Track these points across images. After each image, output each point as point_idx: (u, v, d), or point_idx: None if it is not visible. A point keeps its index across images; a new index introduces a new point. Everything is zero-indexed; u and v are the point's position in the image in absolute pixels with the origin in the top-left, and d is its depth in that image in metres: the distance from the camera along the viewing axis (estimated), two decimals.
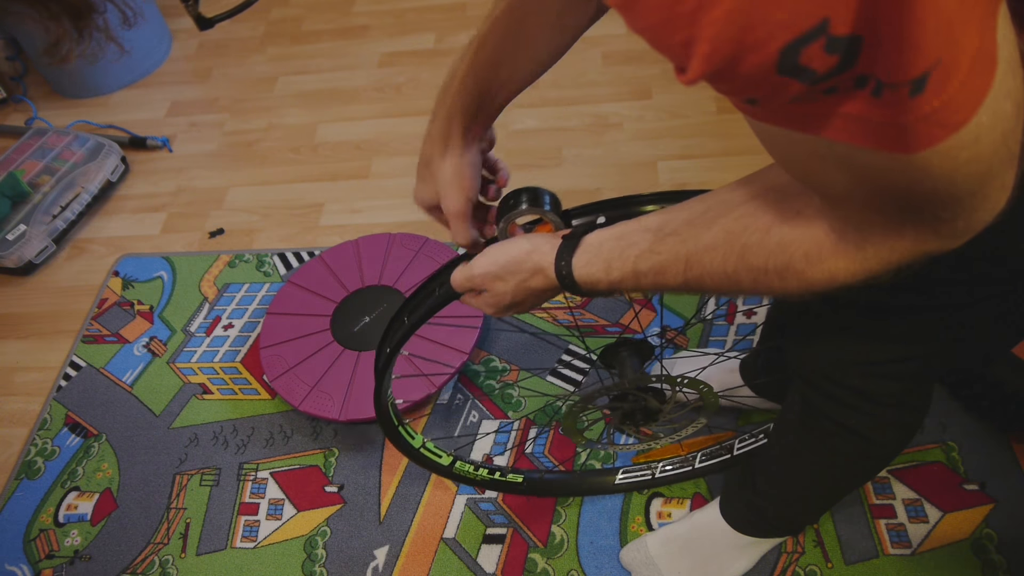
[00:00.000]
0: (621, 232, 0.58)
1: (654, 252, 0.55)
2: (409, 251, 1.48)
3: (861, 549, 1.10)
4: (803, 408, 0.81)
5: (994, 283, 0.59)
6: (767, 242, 0.48)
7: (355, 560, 1.18)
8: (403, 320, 0.82)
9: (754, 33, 0.27)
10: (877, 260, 0.44)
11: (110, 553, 1.24)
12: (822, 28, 0.27)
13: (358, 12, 2.23)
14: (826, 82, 0.29)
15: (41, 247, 1.67)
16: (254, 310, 1.54)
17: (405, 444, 1.05)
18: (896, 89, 0.28)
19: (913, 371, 0.70)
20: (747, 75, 0.29)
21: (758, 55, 0.28)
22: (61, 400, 1.46)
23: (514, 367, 1.38)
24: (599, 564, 1.14)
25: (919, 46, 0.27)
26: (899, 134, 0.31)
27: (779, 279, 0.48)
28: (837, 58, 0.28)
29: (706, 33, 0.27)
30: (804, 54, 0.28)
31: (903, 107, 0.29)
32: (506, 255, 0.65)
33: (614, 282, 0.58)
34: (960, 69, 0.28)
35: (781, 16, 0.26)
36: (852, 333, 0.68)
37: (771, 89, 0.30)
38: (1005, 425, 1.16)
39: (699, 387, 0.87)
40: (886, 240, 0.42)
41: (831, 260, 0.45)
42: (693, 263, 0.53)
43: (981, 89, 0.30)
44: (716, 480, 1.19)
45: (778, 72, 0.29)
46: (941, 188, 0.36)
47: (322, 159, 1.84)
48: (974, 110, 0.30)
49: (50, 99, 2.14)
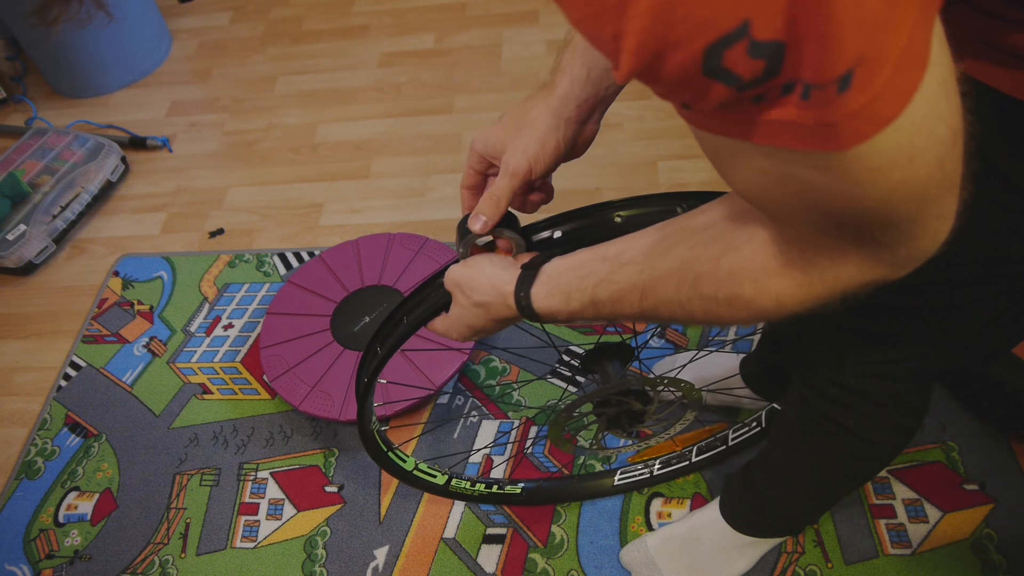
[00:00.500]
0: (579, 261, 0.58)
1: (612, 281, 0.55)
2: (409, 251, 1.48)
3: (861, 549, 1.10)
4: (802, 409, 0.81)
5: (990, 284, 0.59)
6: (718, 271, 0.48)
7: (355, 560, 1.18)
8: (376, 350, 0.82)
9: (677, 30, 0.27)
10: (822, 286, 0.44)
11: (110, 553, 1.24)
12: (744, 30, 0.27)
13: (358, 12, 2.23)
14: (753, 89, 0.29)
15: (41, 247, 1.67)
16: (254, 310, 1.54)
17: (397, 468, 1.06)
18: (824, 89, 0.29)
19: (911, 372, 0.70)
20: (673, 75, 0.29)
21: (682, 53, 0.28)
22: (61, 400, 1.46)
23: (514, 367, 1.38)
24: (599, 564, 1.14)
25: (841, 43, 0.27)
26: (830, 133, 0.31)
27: (729, 307, 0.49)
28: (762, 63, 0.28)
29: (632, 26, 0.27)
30: (727, 56, 0.28)
31: (832, 106, 0.29)
32: (471, 270, 0.65)
33: (574, 312, 0.58)
34: (886, 65, 0.28)
35: (703, 13, 0.26)
36: (849, 333, 0.68)
37: (698, 91, 0.30)
38: (1005, 425, 1.17)
39: (680, 385, 0.87)
40: (830, 266, 0.43)
41: (778, 286, 0.46)
42: (648, 292, 0.53)
43: (908, 86, 0.30)
44: (716, 480, 1.19)
45: (703, 73, 0.29)
46: (879, 209, 0.36)
47: (322, 159, 1.84)
48: (902, 107, 0.31)
49: (50, 99, 2.14)
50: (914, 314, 0.63)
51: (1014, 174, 0.50)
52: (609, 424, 0.91)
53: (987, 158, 0.50)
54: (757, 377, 1.16)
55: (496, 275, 0.62)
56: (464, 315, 0.66)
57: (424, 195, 1.71)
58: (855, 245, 0.41)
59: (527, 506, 1.19)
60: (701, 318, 0.51)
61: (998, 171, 0.51)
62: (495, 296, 0.62)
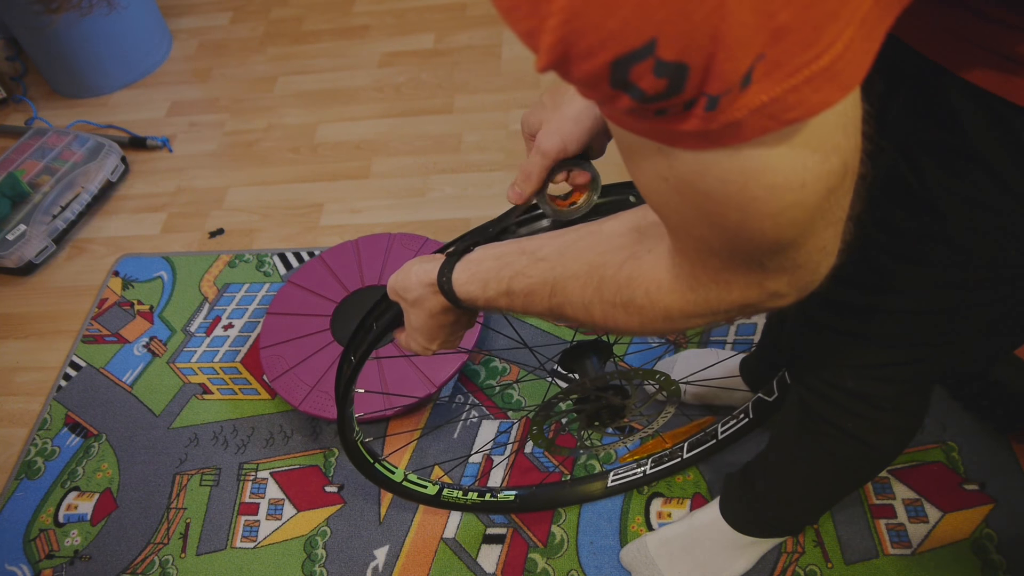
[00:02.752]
0: (500, 252, 0.60)
1: (526, 275, 0.56)
2: (409, 251, 1.48)
3: (861, 549, 1.10)
4: (800, 411, 0.81)
5: (990, 289, 0.59)
6: (619, 276, 0.50)
7: (355, 560, 1.18)
8: (350, 359, 0.82)
9: (586, 38, 0.27)
10: (706, 304, 0.45)
11: (110, 553, 1.24)
12: (650, 48, 0.27)
13: (358, 12, 2.23)
14: (655, 104, 0.30)
15: (41, 247, 1.67)
16: (254, 310, 1.54)
17: (385, 480, 1.05)
18: (729, 92, 0.29)
19: (909, 375, 0.70)
20: (581, 79, 0.30)
21: (590, 62, 0.28)
22: (61, 400, 1.46)
23: (514, 367, 1.38)
24: (599, 564, 1.14)
25: (743, 45, 0.27)
26: (734, 131, 0.31)
27: (624, 313, 0.50)
28: (665, 82, 0.28)
29: (544, 25, 0.28)
30: (634, 71, 0.28)
31: (736, 104, 0.30)
32: (403, 273, 0.67)
33: (490, 299, 0.60)
34: (793, 74, 0.29)
35: (612, 25, 0.27)
36: (848, 336, 0.68)
37: (605, 97, 0.31)
38: (1005, 425, 1.17)
39: (656, 376, 0.87)
40: (715, 285, 0.44)
41: (667, 298, 0.47)
42: (557, 290, 0.54)
43: (818, 102, 0.31)
44: (716, 480, 1.19)
45: (610, 84, 0.29)
46: (768, 230, 0.37)
47: (322, 159, 1.84)
48: (809, 114, 0.31)
49: (50, 99, 2.14)
50: (914, 318, 0.63)
51: (1014, 181, 0.50)
52: (590, 421, 0.91)
53: (988, 164, 0.51)
54: (757, 378, 1.16)
55: (422, 269, 0.64)
56: (410, 320, 0.68)
57: (424, 195, 1.71)
58: (742, 270, 0.42)
59: (521, 512, 1.19)
60: (600, 321, 0.53)
61: (998, 178, 0.51)
62: (423, 289, 0.64)
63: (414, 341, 0.70)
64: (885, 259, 0.60)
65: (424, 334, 0.68)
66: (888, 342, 0.67)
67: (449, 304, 0.63)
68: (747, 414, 1.12)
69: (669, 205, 0.40)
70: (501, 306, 0.60)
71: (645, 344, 1.37)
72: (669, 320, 0.48)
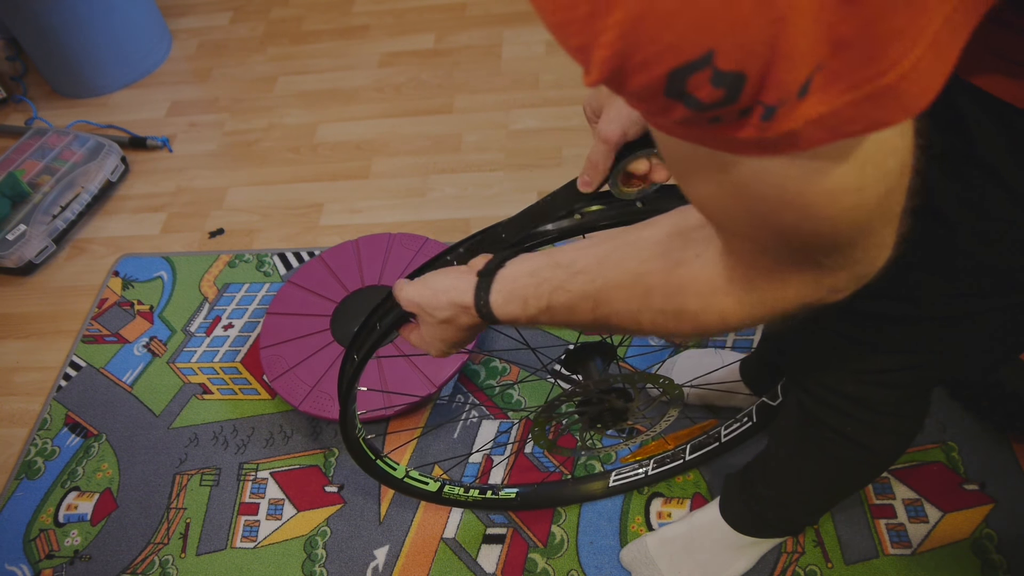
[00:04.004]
0: (533, 268, 0.59)
1: (565, 289, 0.56)
2: (409, 251, 1.48)
3: (861, 549, 1.10)
4: (800, 415, 0.81)
5: (994, 297, 0.59)
6: (667, 284, 0.49)
7: (355, 560, 1.18)
8: (353, 358, 0.82)
9: (642, 51, 0.27)
10: (763, 306, 0.45)
11: (110, 553, 1.24)
12: (707, 59, 0.27)
13: (358, 12, 2.23)
14: (711, 112, 0.30)
15: (41, 247, 1.67)
16: (254, 310, 1.54)
17: (386, 476, 1.05)
18: (786, 103, 0.29)
19: (909, 380, 0.70)
20: (636, 91, 0.30)
21: (646, 74, 0.28)
22: (61, 400, 1.46)
23: (514, 367, 1.38)
24: (599, 564, 1.14)
25: (802, 56, 0.27)
26: (791, 141, 0.31)
27: (675, 320, 0.50)
28: (723, 92, 0.28)
29: (599, 40, 0.28)
30: (691, 82, 0.28)
31: (793, 115, 0.29)
32: (427, 289, 0.65)
33: (531, 317, 0.59)
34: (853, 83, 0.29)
35: (669, 38, 0.27)
36: (848, 341, 0.68)
37: (660, 108, 0.31)
38: (1005, 425, 1.16)
39: (659, 381, 0.87)
40: (772, 285, 0.44)
41: (722, 302, 0.47)
42: (601, 302, 0.54)
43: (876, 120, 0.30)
44: (716, 480, 1.19)
45: (666, 94, 0.29)
46: (825, 231, 0.37)
47: (322, 159, 1.84)
48: (868, 130, 0.31)
49: (50, 99, 2.14)
50: (916, 324, 0.63)
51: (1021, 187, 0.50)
52: (592, 423, 0.91)
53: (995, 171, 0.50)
54: (757, 378, 1.16)
55: (453, 289, 0.63)
56: (435, 332, 0.67)
57: (424, 195, 1.71)
58: (797, 268, 0.42)
59: (522, 510, 1.19)
60: (649, 329, 0.53)
61: (1007, 186, 0.50)
62: (456, 310, 0.63)
63: (432, 347, 0.69)
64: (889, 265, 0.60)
65: (446, 343, 0.68)
66: (889, 348, 0.67)
67: (482, 321, 0.62)
68: (751, 418, 1.12)
69: (722, 210, 0.40)
70: (543, 321, 0.59)
71: (645, 345, 1.37)
72: (725, 323, 0.48)
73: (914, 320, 0.63)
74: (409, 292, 0.67)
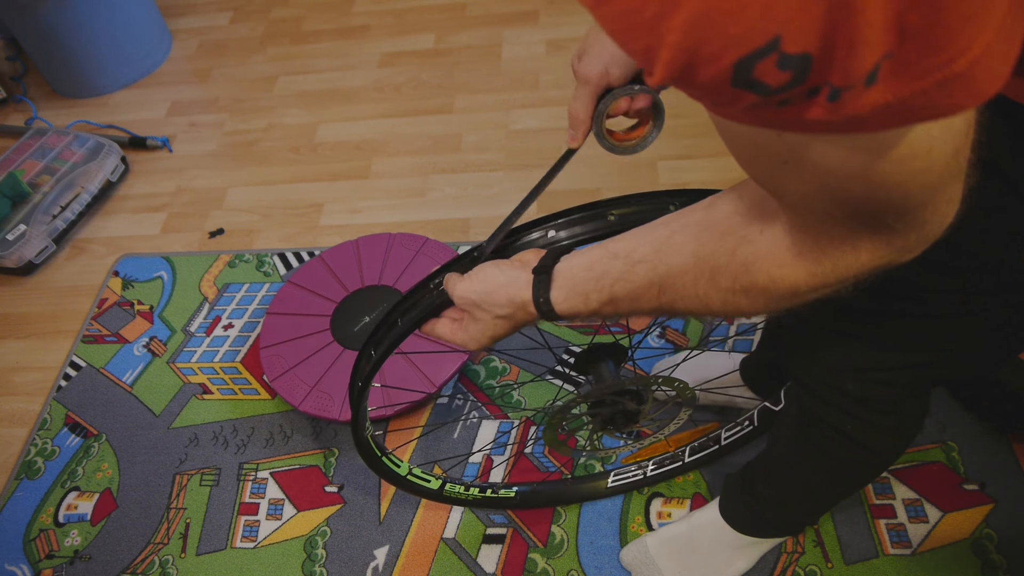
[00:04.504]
0: (590, 261, 0.59)
1: (627, 280, 0.56)
2: (409, 251, 1.48)
3: (861, 549, 1.10)
4: (800, 413, 0.81)
5: (988, 294, 0.59)
6: (733, 263, 0.49)
7: (355, 560, 1.18)
8: (370, 354, 0.81)
9: (709, 45, 0.28)
10: (835, 273, 0.45)
11: (110, 553, 1.24)
12: (774, 45, 0.27)
13: (358, 12, 2.23)
14: (779, 95, 0.30)
15: (41, 247, 1.67)
16: (254, 310, 1.54)
17: (390, 473, 1.05)
18: (852, 88, 0.29)
19: (909, 379, 0.70)
20: (704, 84, 0.30)
21: (713, 67, 0.29)
22: (61, 400, 1.46)
23: (514, 367, 1.38)
24: (599, 564, 1.14)
25: (870, 44, 0.27)
26: (857, 125, 0.32)
27: (747, 297, 0.50)
28: (790, 74, 0.29)
29: (665, 41, 0.28)
30: (758, 69, 0.28)
31: (860, 101, 0.30)
32: (483, 284, 0.64)
33: (594, 311, 0.59)
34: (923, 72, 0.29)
35: (735, 31, 0.27)
36: (848, 339, 0.68)
37: (728, 98, 0.31)
38: (1005, 425, 1.16)
39: (674, 384, 0.87)
40: (843, 252, 0.44)
41: (792, 274, 0.47)
42: (667, 288, 0.54)
43: (947, 106, 0.30)
44: (716, 480, 1.19)
45: (732, 84, 0.29)
46: (895, 197, 0.37)
47: (322, 159, 1.84)
48: (938, 117, 0.31)
49: (50, 99, 2.14)
50: (916, 322, 0.63)
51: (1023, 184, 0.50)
52: (604, 424, 0.91)
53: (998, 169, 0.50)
54: (758, 378, 1.16)
55: (512, 286, 0.62)
56: (487, 329, 0.66)
57: (424, 195, 1.71)
58: (868, 233, 0.42)
59: (521, 509, 1.19)
60: (719, 310, 0.52)
61: (1008, 181, 0.50)
62: (515, 307, 0.62)
63: (475, 343, 0.68)
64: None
65: (496, 339, 0.67)
66: (889, 346, 0.67)
67: (538, 317, 0.62)
68: (752, 422, 1.12)
69: (789, 185, 0.40)
70: (606, 313, 0.59)
71: (650, 348, 1.37)
72: (797, 295, 0.48)
73: (914, 317, 0.63)
74: (463, 288, 0.65)
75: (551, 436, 0.94)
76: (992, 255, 0.56)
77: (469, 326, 0.67)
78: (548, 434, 0.93)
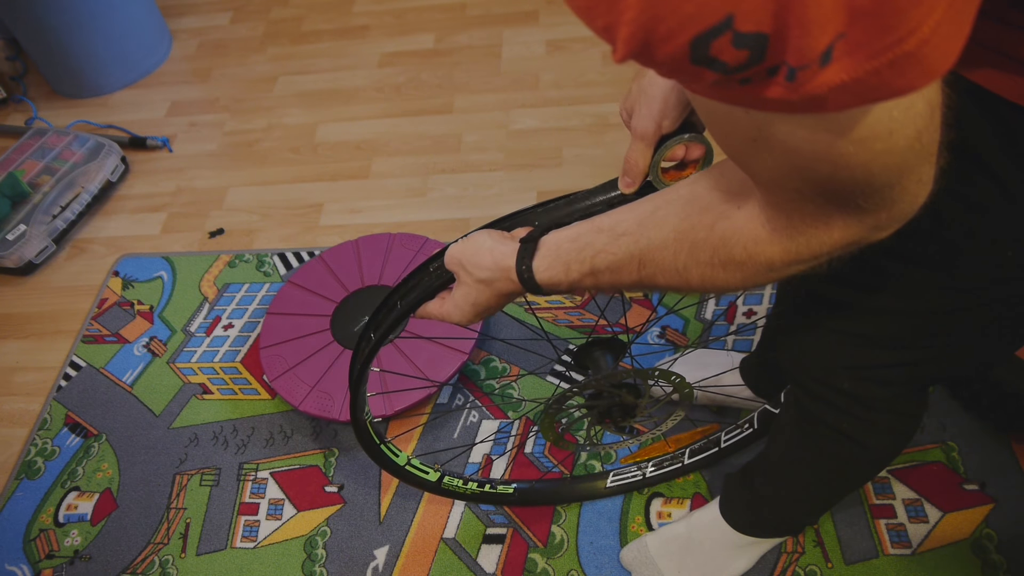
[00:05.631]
0: (576, 234, 0.60)
1: (609, 252, 0.57)
2: (409, 251, 1.48)
3: (861, 549, 1.10)
4: (798, 412, 0.81)
5: (982, 292, 0.59)
6: (711, 238, 0.51)
7: (355, 560, 1.18)
8: (370, 337, 0.82)
9: (665, 23, 0.29)
10: (808, 249, 0.46)
11: (110, 553, 1.24)
12: (728, 24, 0.28)
13: (358, 12, 2.23)
14: (739, 74, 0.31)
15: (41, 247, 1.67)
16: (254, 310, 1.54)
17: (389, 462, 1.05)
18: (807, 68, 0.30)
19: (904, 377, 0.70)
20: (664, 61, 0.31)
21: (670, 44, 0.30)
22: (61, 400, 1.46)
23: (514, 367, 1.38)
24: (599, 564, 1.14)
25: (821, 25, 0.28)
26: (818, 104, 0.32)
27: (724, 271, 0.51)
28: (746, 53, 0.29)
29: (623, 18, 0.29)
30: (714, 47, 0.29)
31: (817, 80, 0.30)
32: (471, 245, 0.66)
33: (573, 282, 0.60)
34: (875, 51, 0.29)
35: (689, 9, 0.28)
36: (843, 337, 0.68)
37: (689, 75, 0.32)
38: (1005, 425, 1.16)
39: (671, 378, 0.87)
40: (816, 230, 0.45)
41: (768, 249, 0.48)
42: (647, 261, 0.55)
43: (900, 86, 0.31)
44: (716, 480, 1.19)
45: (692, 62, 0.30)
46: (860, 177, 0.38)
47: (322, 159, 1.84)
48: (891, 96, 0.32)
49: (50, 99, 2.14)
50: (910, 319, 0.63)
51: (1013, 184, 0.50)
52: (600, 418, 0.91)
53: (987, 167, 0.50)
54: (757, 378, 1.16)
55: (497, 250, 0.64)
56: (469, 293, 0.67)
57: (424, 195, 1.71)
58: (839, 211, 0.43)
59: (519, 506, 1.19)
60: (697, 284, 0.53)
61: (1000, 181, 0.51)
62: (498, 271, 0.64)
63: (459, 312, 0.69)
64: (881, 259, 0.60)
65: (477, 309, 0.68)
66: (883, 343, 0.67)
67: (521, 288, 0.63)
68: (752, 425, 1.12)
69: (759, 163, 0.42)
70: (586, 285, 0.60)
71: (646, 346, 1.37)
72: (773, 270, 0.49)
73: (908, 315, 0.63)
74: (453, 248, 0.68)
75: (547, 427, 0.94)
76: (981, 252, 0.56)
77: (454, 292, 0.69)
78: (545, 424, 0.93)
